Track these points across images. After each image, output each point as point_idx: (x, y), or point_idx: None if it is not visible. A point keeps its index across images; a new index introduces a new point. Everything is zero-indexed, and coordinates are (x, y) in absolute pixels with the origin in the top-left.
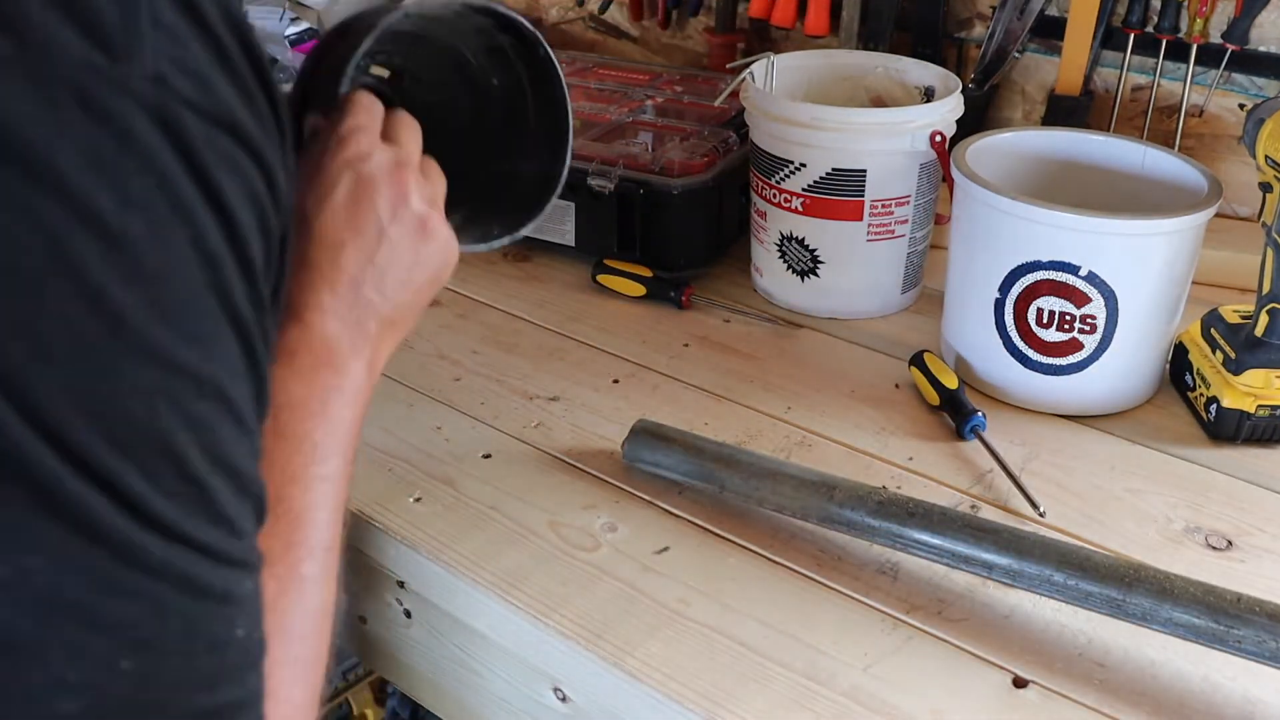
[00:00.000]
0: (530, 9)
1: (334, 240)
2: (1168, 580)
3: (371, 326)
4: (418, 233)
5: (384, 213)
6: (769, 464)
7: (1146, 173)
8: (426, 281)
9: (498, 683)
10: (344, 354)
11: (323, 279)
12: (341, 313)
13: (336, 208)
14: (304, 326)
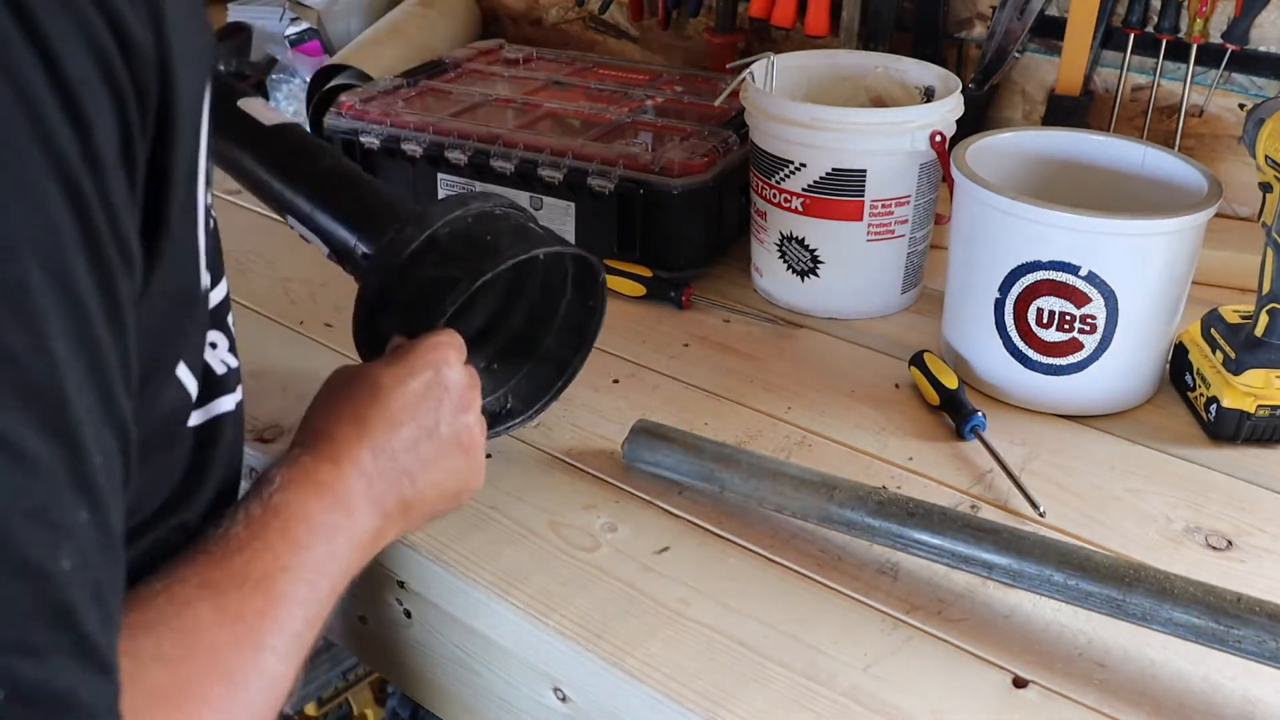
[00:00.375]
0: (530, 9)
1: (395, 417)
2: (1168, 580)
3: (390, 503)
4: (464, 447)
5: (445, 416)
6: (769, 464)
7: (1146, 173)
8: (451, 491)
9: (498, 683)
10: (361, 508)
11: (371, 443)
12: (373, 477)
13: (410, 392)
14: (338, 469)
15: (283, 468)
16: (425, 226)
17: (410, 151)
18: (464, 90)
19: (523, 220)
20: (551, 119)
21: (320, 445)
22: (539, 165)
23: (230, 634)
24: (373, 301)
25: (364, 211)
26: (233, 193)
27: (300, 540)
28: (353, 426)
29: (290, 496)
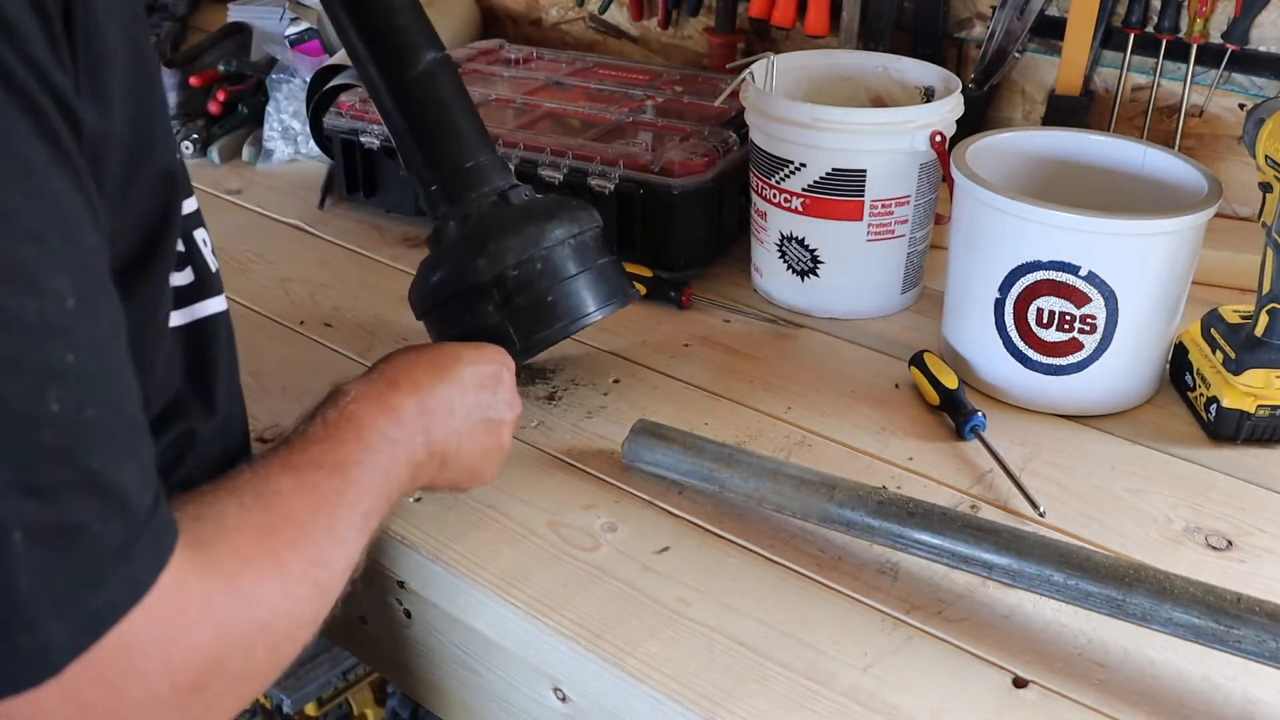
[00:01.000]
0: (530, 9)
1: (466, 382)
2: (1168, 580)
3: (438, 448)
4: (499, 439)
5: (498, 404)
6: (769, 464)
7: (1146, 173)
8: (475, 469)
9: (498, 683)
10: (416, 438)
11: (443, 391)
12: (432, 420)
13: (482, 371)
14: (407, 401)
15: (358, 384)
16: (495, 258)
17: None
18: None
19: (589, 264)
20: (551, 119)
21: (397, 377)
22: (539, 165)
23: (309, 501)
24: (430, 289)
25: (450, 165)
26: (232, 193)
27: (371, 444)
28: (431, 373)
29: (363, 409)
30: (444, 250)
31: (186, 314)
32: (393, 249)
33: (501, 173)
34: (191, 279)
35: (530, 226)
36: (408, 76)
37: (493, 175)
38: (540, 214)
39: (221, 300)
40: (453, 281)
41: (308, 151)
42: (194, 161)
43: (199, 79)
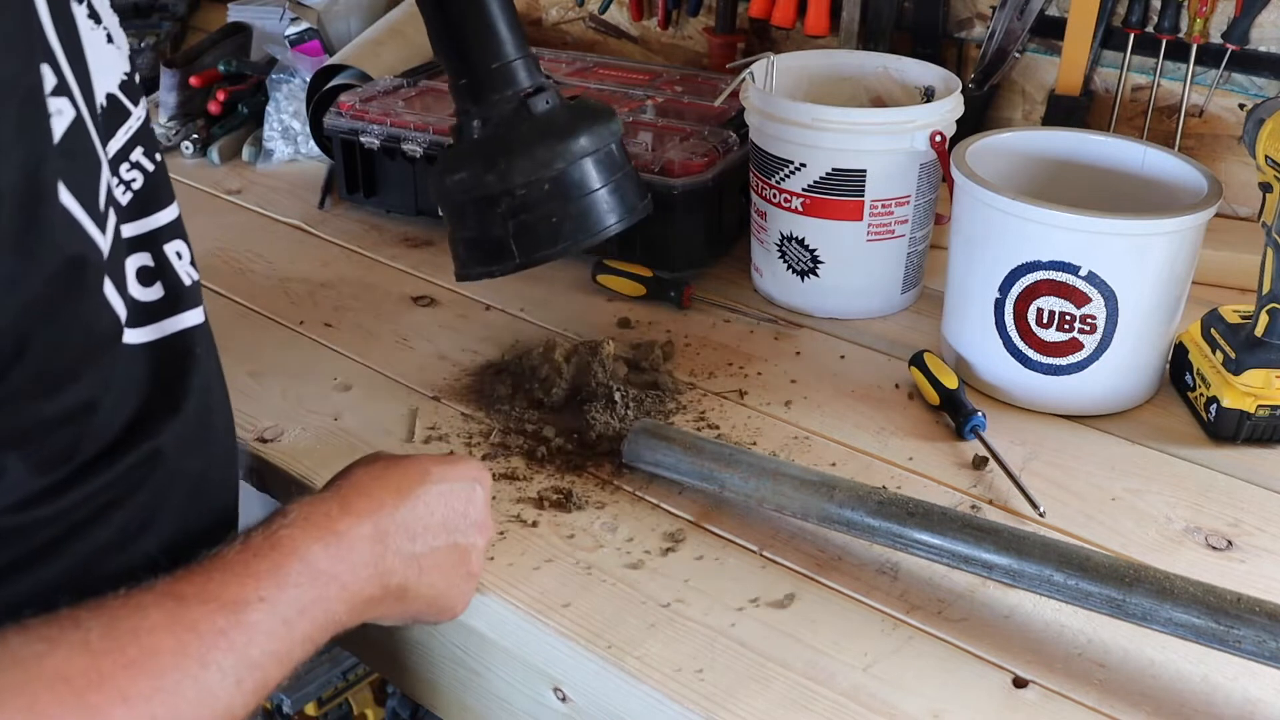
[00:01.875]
0: (530, 9)
1: (432, 505)
2: (1168, 580)
3: (394, 581)
4: (469, 568)
5: (467, 529)
6: (769, 464)
7: (1146, 173)
8: (440, 601)
9: (498, 683)
10: (366, 570)
11: (403, 517)
12: (389, 548)
13: (452, 490)
14: (359, 526)
15: (304, 505)
16: (505, 176)
17: (410, 151)
18: None
19: (598, 185)
20: None
21: (351, 498)
22: None
23: (177, 641)
24: (445, 189)
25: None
26: (232, 193)
27: (290, 579)
28: (390, 494)
29: (298, 535)
30: (461, 152)
31: (155, 330)
32: (393, 249)
33: (530, 74)
34: (161, 294)
35: (542, 146)
36: None
37: (519, 77)
38: (557, 130)
39: (198, 313)
40: (464, 188)
41: (308, 151)
42: (194, 161)
43: (199, 79)
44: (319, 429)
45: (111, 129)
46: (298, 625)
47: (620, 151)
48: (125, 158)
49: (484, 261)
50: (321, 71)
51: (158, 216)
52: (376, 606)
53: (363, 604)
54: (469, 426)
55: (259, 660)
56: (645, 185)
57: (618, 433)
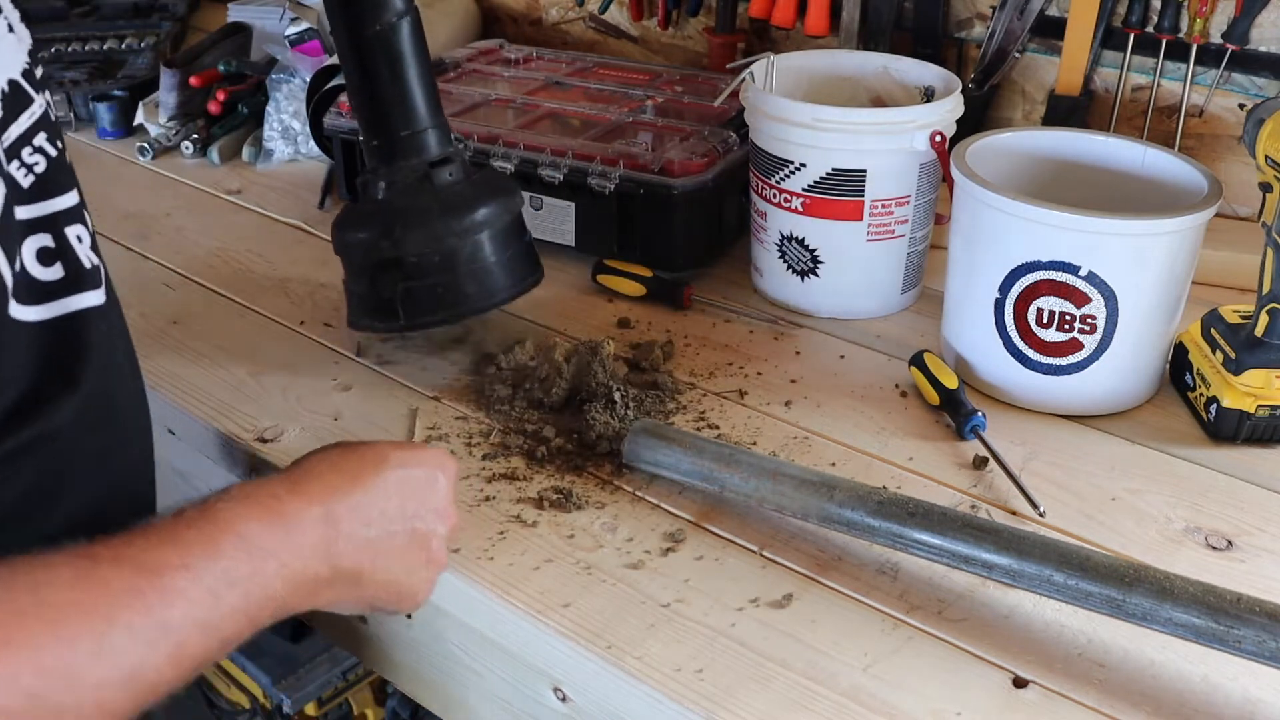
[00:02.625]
0: (530, 9)
1: (388, 490)
2: (1168, 580)
3: (346, 564)
4: (430, 555)
5: (426, 515)
6: (769, 464)
7: (1146, 173)
8: (399, 589)
9: (498, 683)
10: (313, 551)
11: (356, 500)
12: (340, 531)
13: (410, 476)
14: (307, 507)
15: (249, 484)
16: (399, 244)
17: None
18: (464, 90)
19: (486, 261)
20: (551, 119)
21: (303, 481)
22: (539, 165)
23: (81, 595)
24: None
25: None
26: (232, 193)
27: (222, 550)
28: (345, 479)
29: (235, 509)
30: (364, 212)
31: (52, 308)
32: None
33: (439, 144)
34: (61, 275)
35: (438, 219)
36: (368, 31)
37: (428, 146)
38: (454, 205)
39: (98, 295)
40: (361, 248)
41: (308, 151)
42: (194, 161)
43: (199, 79)
44: (319, 429)
45: (14, 114)
46: (226, 597)
47: (517, 225)
48: (28, 142)
49: (371, 316)
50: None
51: (58, 200)
52: (327, 589)
53: (310, 585)
54: (469, 426)
55: (177, 625)
56: (537, 257)
57: (618, 433)
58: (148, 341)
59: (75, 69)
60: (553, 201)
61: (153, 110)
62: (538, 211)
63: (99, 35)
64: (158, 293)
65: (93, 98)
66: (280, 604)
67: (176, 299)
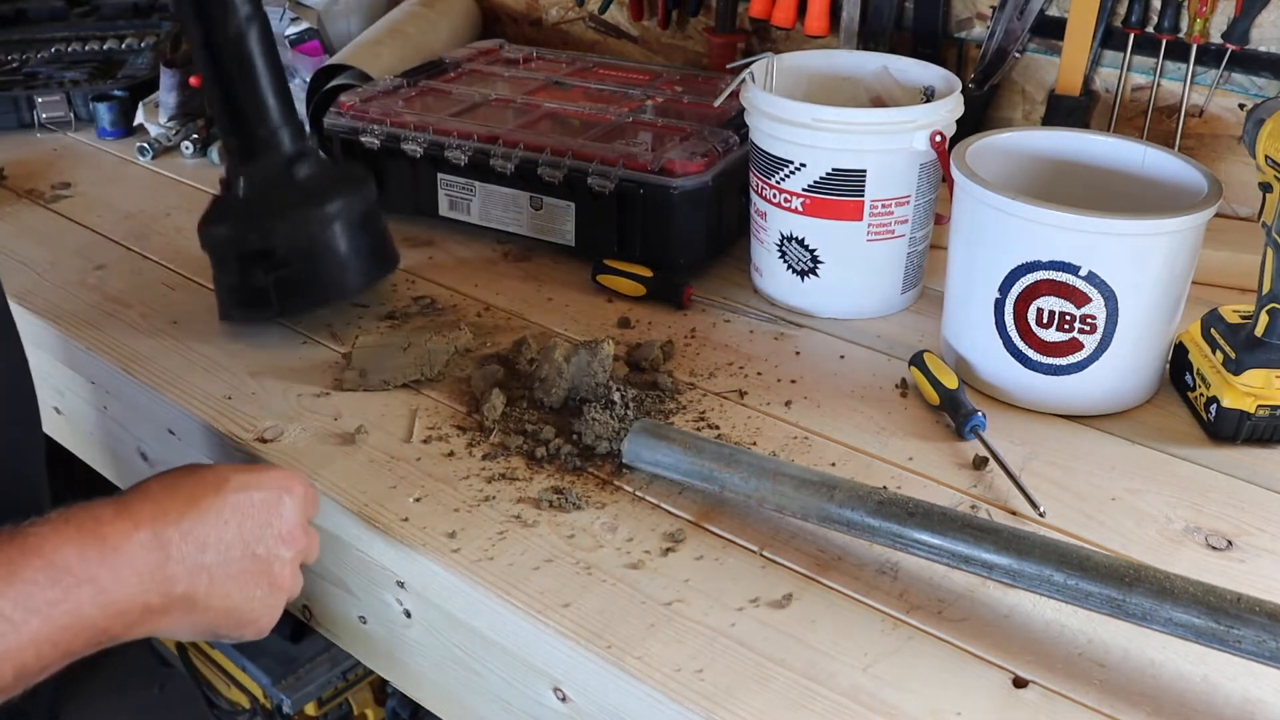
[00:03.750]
0: (530, 9)
1: (225, 515)
2: (1168, 580)
3: (179, 590)
4: (272, 580)
5: (268, 540)
6: (769, 464)
7: (1146, 173)
8: (239, 616)
9: (498, 683)
10: (139, 577)
11: (189, 525)
12: (171, 556)
13: (250, 500)
14: (134, 532)
15: (71, 508)
16: (268, 235)
17: (410, 151)
18: (464, 90)
19: (349, 245)
20: (551, 119)
21: (134, 504)
22: (539, 165)
23: None
24: (212, 240)
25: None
26: None
27: (20, 574)
28: (179, 502)
29: (48, 533)
30: (229, 208)
31: None
32: None
33: (294, 141)
34: None
35: (300, 210)
36: (219, 38)
37: (282, 144)
38: (314, 195)
39: None
40: (230, 241)
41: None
42: (194, 162)
43: (199, 79)
44: (319, 429)
45: None
46: (25, 625)
47: (375, 212)
48: None
49: (244, 306)
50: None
51: None
52: (160, 617)
53: (138, 612)
54: (469, 426)
55: None
56: (394, 244)
57: (617, 433)
58: (148, 341)
59: (75, 69)
60: (553, 201)
61: (153, 110)
62: (538, 211)
63: (99, 35)
64: (158, 293)
65: (93, 98)
66: (99, 631)
67: (176, 299)
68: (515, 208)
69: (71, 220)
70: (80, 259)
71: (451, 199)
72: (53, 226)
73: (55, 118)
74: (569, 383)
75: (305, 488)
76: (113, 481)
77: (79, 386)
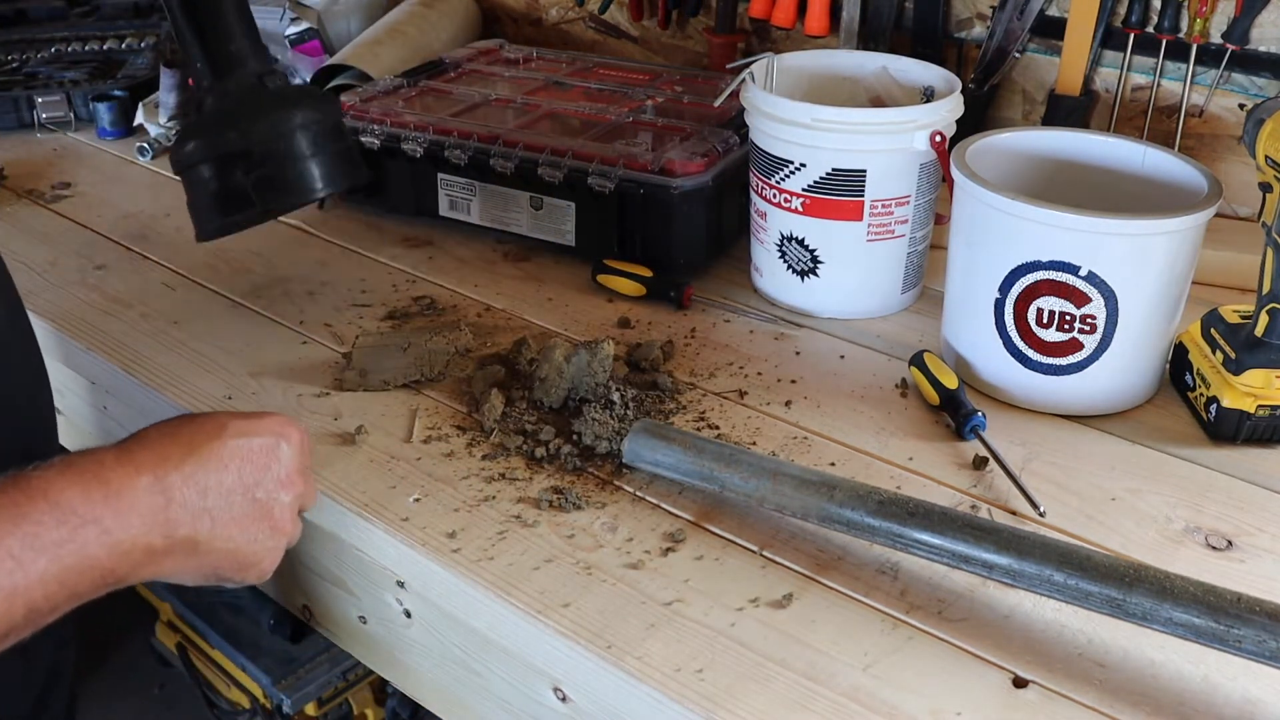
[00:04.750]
0: (530, 9)
1: (224, 459)
2: (1168, 580)
3: (182, 533)
4: (273, 523)
5: (267, 484)
6: (769, 464)
7: (1146, 173)
8: (242, 558)
9: (498, 683)
10: (142, 520)
11: (190, 470)
12: (173, 499)
13: (249, 445)
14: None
15: (73, 455)
16: (247, 135)
17: (410, 151)
18: (464, 90)
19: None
20: (551, 119)
21: (135, 450)
22: (539, 165)
23: None
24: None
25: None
26: None
27: (27, 515)
28: (179, 448)
29: (53, 477)
30: (203, 120)
31: None
32: (393, 249)
33: (260, 59)
34: None
35: (279, 111)
36: None
37: (252, 60)
38: (289, 101)
39: None
40: (208, 147)
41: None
42: None
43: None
44: (319, 429)
45: None
46: (33, 564)
47: (344, 126)
48: None
49: (224, 213)
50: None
51: None
52: (163, 559)
53: (142, 554)
54: (469, 426)
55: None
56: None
57: (617, 433)
58: (148, 341)
59: (75, 69)
60: (553, 201)
61: (153, 110)
62: (538, 211)
63: (99, 35)
64: (158, 293)
65: (93, 98)
66: (105, 572)
67: (176, 299)
68: (515, 208)
69: (71, 220)
70: (80, 259)
71: (451, 199)
72: (53, 226)
73: (55, 118)
74: (569, 383)
75: (301, 434)
76: None
77: (79, 386)
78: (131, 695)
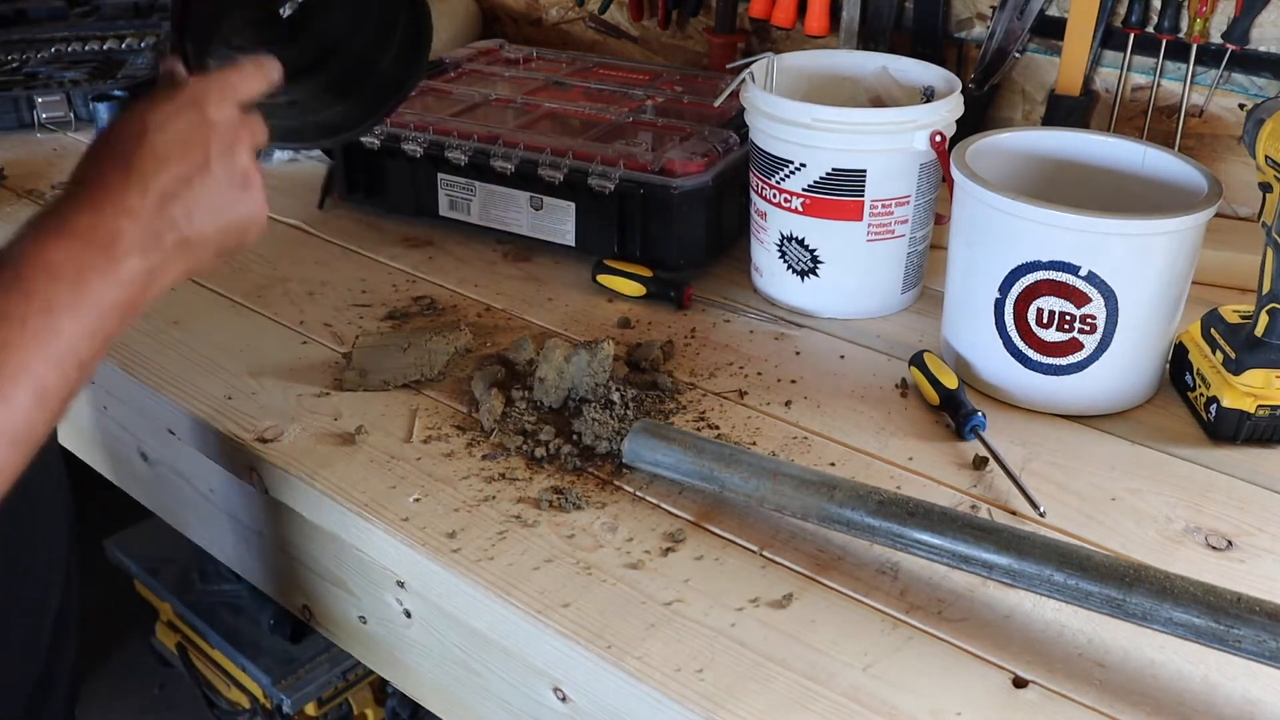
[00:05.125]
0: (530, 9)
1: (162, 155)
2: (1168, 580)
3: (169, 240)
4: (240, 184)
5: (215, 153)
6: (769, 464)
7: (1146, 173)
8: (234, 226)
9: (498, 683)
10: (127, 248)
11: (139, 183)
12: (142, 216)
13: (176, 130)
14: (99, 214)
15: (36, 227)
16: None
17: (410, 151)
18: (464, 90)
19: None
20: (551, 119)
21: (82, 194)
22: (539, 165)
23: None
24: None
25: None
26: None
27: (34, 287)
28: (118, 170)
29: (29, 246)
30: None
31: None
32: (393, 249)
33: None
34: None
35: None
36: None
37: None
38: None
39: None
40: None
41: (308, 151)
42: None
43: None
44: (319, 429)
45: None
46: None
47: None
48: None
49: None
50: None
51: None
52: (162, 273)
53: (142, 278)
54: (469, 426)
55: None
56: None
57: (617, 433)
58: (148, 341)
59: (75, 69)
60: (553, 201)
61: None
62: (538, 211)
63: (99, 35)
64: None
65: (93, 98)
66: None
67: (176, 299)
68: (515, 208)
69: None
70: None
71: (452, 199)
72: None
73: (55, 118)
74: (569, 383)
75: (211, 84)
76: (112, 481)
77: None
78: (131, 695)
